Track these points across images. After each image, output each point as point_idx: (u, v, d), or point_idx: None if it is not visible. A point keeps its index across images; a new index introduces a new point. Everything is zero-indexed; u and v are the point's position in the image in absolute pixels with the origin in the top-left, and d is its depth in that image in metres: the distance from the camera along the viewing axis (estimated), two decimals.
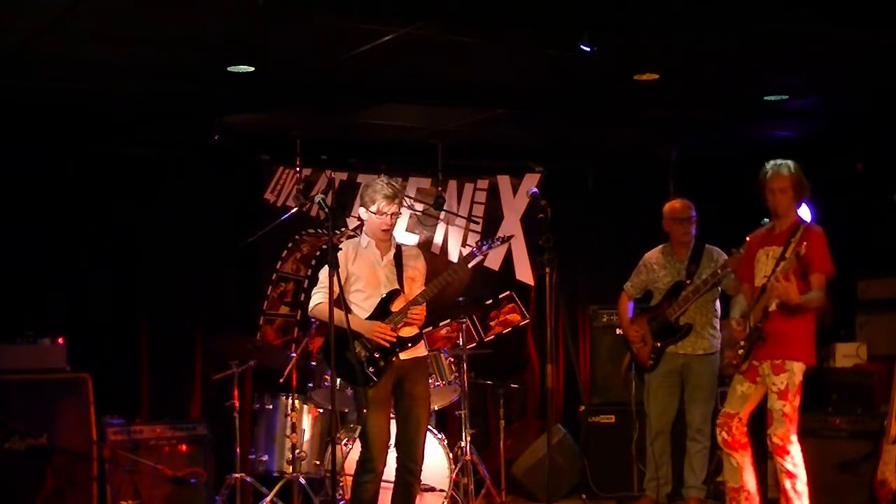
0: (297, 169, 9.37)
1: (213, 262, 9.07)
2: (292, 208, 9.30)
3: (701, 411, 8.00)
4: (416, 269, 7.02)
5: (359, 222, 9.72)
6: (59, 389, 7.93)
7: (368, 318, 6.79)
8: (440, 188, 9.90)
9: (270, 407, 8.24)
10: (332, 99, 8.19)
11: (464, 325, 8.63)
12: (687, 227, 8.10)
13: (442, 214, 10.01)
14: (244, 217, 9.33)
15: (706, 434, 7.97)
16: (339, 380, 7.62)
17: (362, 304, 6.86)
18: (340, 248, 6.93)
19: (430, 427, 7.79)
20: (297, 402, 8.09)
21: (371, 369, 6.71)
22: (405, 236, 9.96)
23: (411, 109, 8.55)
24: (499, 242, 7.32)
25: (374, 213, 6.83)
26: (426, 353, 7.06)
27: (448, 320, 9.73)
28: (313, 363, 8.24)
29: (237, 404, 8.12)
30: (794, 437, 6.71)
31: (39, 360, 8.00)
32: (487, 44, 6.91)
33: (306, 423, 8.14)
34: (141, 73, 7.43)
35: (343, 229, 9.69)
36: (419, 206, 9.95)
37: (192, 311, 9.06)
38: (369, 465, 6.71)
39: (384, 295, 6.84)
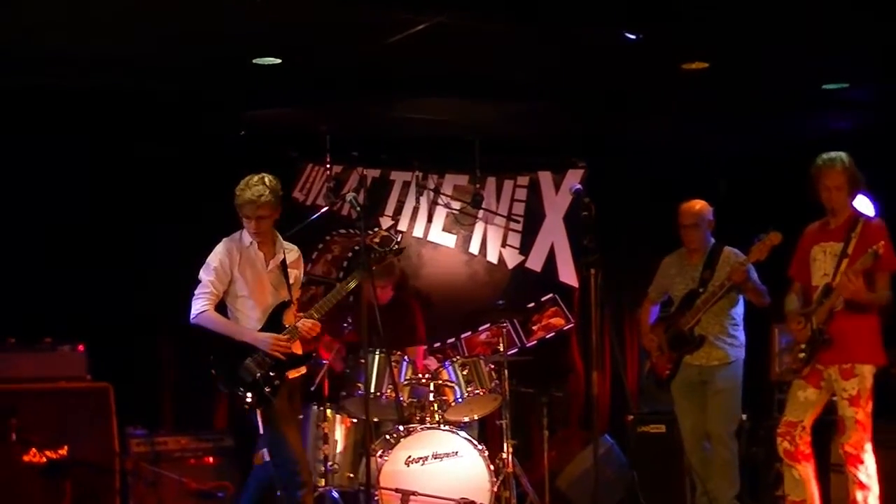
0: (327, 166, 9.40)
1: None
2: (322, 207, 9.32)
3: (721, 421, 7.92)
4: (294, 274, 6.78)
5: (392, 221, 9.80)
6: (80, 399, 7.97)
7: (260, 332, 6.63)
8: (478, 185, 9.91)
9: (301, 416, 8.23)
10: (363, 92, 8.21)
11: (504, 330, 8.60)
12: (692, 234, 8.01)
13: (480, 213, 10.01)
14: None
15: (727, 444, 7.89)
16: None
17: (250, 314, 6.65)
18: (222, 247, 6.68)
19: (470, 438, 7.79)
20: (328, 411, 8.08)
21: (267, 389, 6.50)
22: (441, 236, 9.97)
23: (446, 103, 8.56)
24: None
25: (244, 216, 6.57)
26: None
27: (488, 324, 9.72)
28: (346, 370, 8.23)
29: None
30: (868, 446, 6.62)
31: (59, 368, 8.05)
32: (526, 33, 6.90)
33: (339, 433, 8.13)
34: (163, 67, 7.46)
35: (376, 229, 9.64)
36: (456, 205, 9.95)
37: None
38: (299, 479, 6.59)
39: (274, 307, 6.66)
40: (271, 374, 6.54)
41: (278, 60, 7.34)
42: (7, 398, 7.87)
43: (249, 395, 6.49)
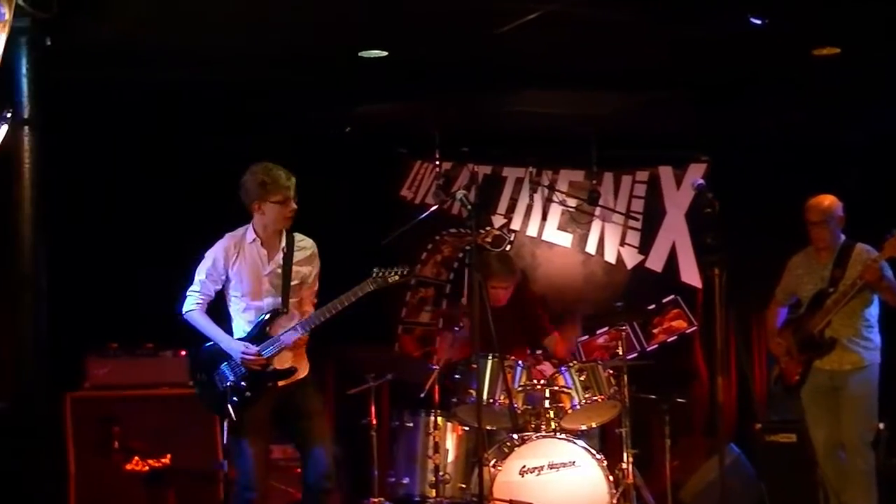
0: (437, 163, 9.45)
1: (345, 266, 9.07)
2: (431, 206, 9.31)
3: (856, 429, 7.76)
4: (301, 273, 6.73)
5: (505, 220, 9.76)
6: (182, 406, 8.03)
7: (244, 339, 6.59)
8: (595, 182, 9.87)
9: (410, 425, 8.20)
10: (473, 85, 8.18)
11: (624, 333, 8.48)
12: (820, 231, 7.86)
13: (597, 210, 9.97)
14: (379, 216, 9.36)
15: (863, 454, 7.73)
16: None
17: (240, 316, 6.66)
18: (219, 245, 6.71)
19: (587, 447, 7.72)
20: (439, 419, 8.02)
21: (235, 399, 6.50)
22: (556, 235, 9.91)
23: (561, 95, 8.52)
24: (396, 276, 6.84)
25: (278, 203, 6.55)
26: (307, 372, 6.78)
27: (606, 328, 9.61)
28: (457, 376, 8.21)
29: (374, 422, 8.09)
30: None
31: (160, 374, 8.19)
32: (645, 19, 6.81)
33: (450, 442, 8.06)
34: (265, 61, 7.50)
35: (488, 228, 9.68)
36: (572, 202, 9.92)
37: None
38: (248, 495, 6.52)
39: (265, 314, 6.61)
40: (242, 383, 6.53)
41: (384, 53, 7.34)
42: (109, 405, 8.03)
43: (235, 398, 6.49)
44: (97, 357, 8.20)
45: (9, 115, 6.41)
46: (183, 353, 8.19)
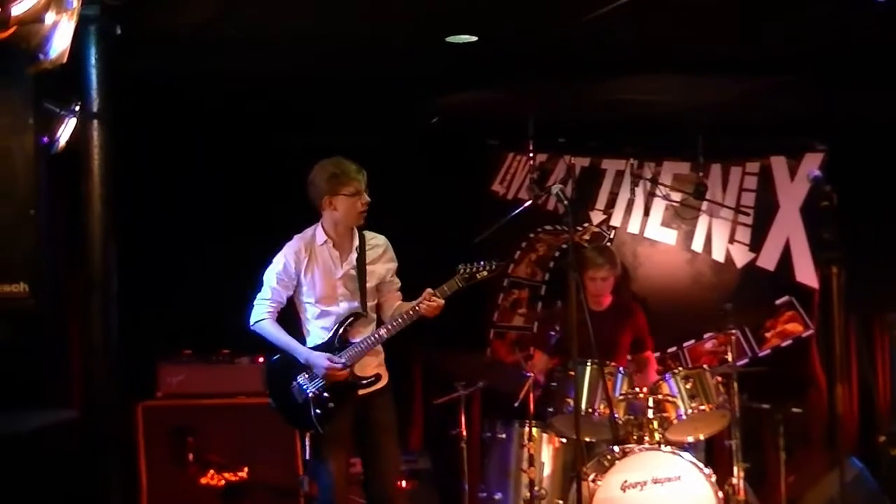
0: (530, 155, 9.42)
1: (432, 266, 9.00)
2: (525, 201, 9.30)
3: None
4: (377, 273, 6.69)
5: (604, 216, 9.65)
6: (260, 416, 7.93)
7: (320, 347, 6.56)
8: (701, 174, 9.75)
9: (503, 436, 8.18)
10: (570, 71, 8.10)
11: (733, 338, 8.41)
12: None
13: (704, 205, 9.84)
14: (469, 212, 9.35)
15: None
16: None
17: (313, 323, 6.64)
18: (289, 248, 6.68)
19: (694, 460, 7.59)
20: (534, 430, 7.98)
21: (318, 411, 6.47)
22: (660, 232, 9.78)
23: (663, 81, 8.42)
24: (485, 272, 6.73)
25: (351, 195, 6.50)
26: (386, 381, 6.72)
27: (714, 332, 9.48)
28: (553, 384, 8.13)
29: (464, 433, 8.12)
30: None
31: (237, 382, 8.25)
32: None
33: (546, 454, 8.03)
34: (347, 50, 7.50)
35: (586, 225, 9.62)
36: (676, 196, 9.82)
37: None
38: None
39: (342, 318, 6.56)
40: (325, 394, 6.47)
41: (474, 38, 7.28)
42: (183, 415, 8.09)
43: (318, 410, 6.47)
44: (170, 364, 8.32)
45: (77, 108, 6.39)
46: (260, 359, 8.20)
